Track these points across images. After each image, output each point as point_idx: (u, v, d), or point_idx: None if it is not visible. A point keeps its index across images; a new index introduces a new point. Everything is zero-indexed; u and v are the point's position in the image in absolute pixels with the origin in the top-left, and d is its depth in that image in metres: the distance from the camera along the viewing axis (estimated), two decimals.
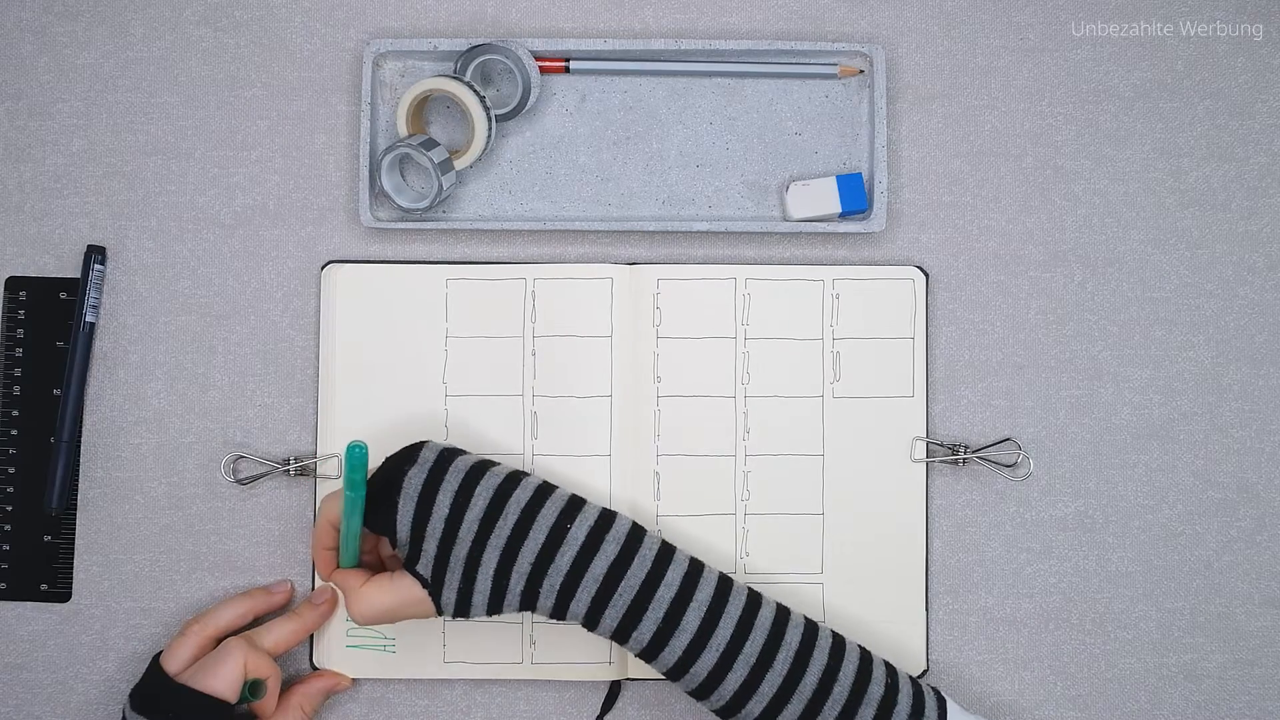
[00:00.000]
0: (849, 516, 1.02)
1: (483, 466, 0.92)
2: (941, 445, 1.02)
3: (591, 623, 0.90)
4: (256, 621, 1.00)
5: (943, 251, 1.03)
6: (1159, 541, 1.02)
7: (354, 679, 1.01)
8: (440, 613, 0.92)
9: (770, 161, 1.04)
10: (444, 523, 0.90)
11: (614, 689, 1.01)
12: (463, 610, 0.91)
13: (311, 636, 1.01)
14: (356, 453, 0.87)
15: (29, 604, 1.02)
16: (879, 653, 0.96)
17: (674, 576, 0.90)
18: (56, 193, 1.03)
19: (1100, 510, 1.02)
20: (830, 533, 1.02)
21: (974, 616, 1.02)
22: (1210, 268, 1.03)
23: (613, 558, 0.89)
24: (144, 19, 1.05)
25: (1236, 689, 1.02)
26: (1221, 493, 1.03)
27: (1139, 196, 1.04)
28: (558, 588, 0.89)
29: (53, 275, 1.03)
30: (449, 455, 0.93)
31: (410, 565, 0.91)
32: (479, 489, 0.91)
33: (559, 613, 0.91)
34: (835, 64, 1.03)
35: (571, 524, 0.90)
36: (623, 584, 0.89)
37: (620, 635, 0.90)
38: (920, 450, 1.02)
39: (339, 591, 1.00)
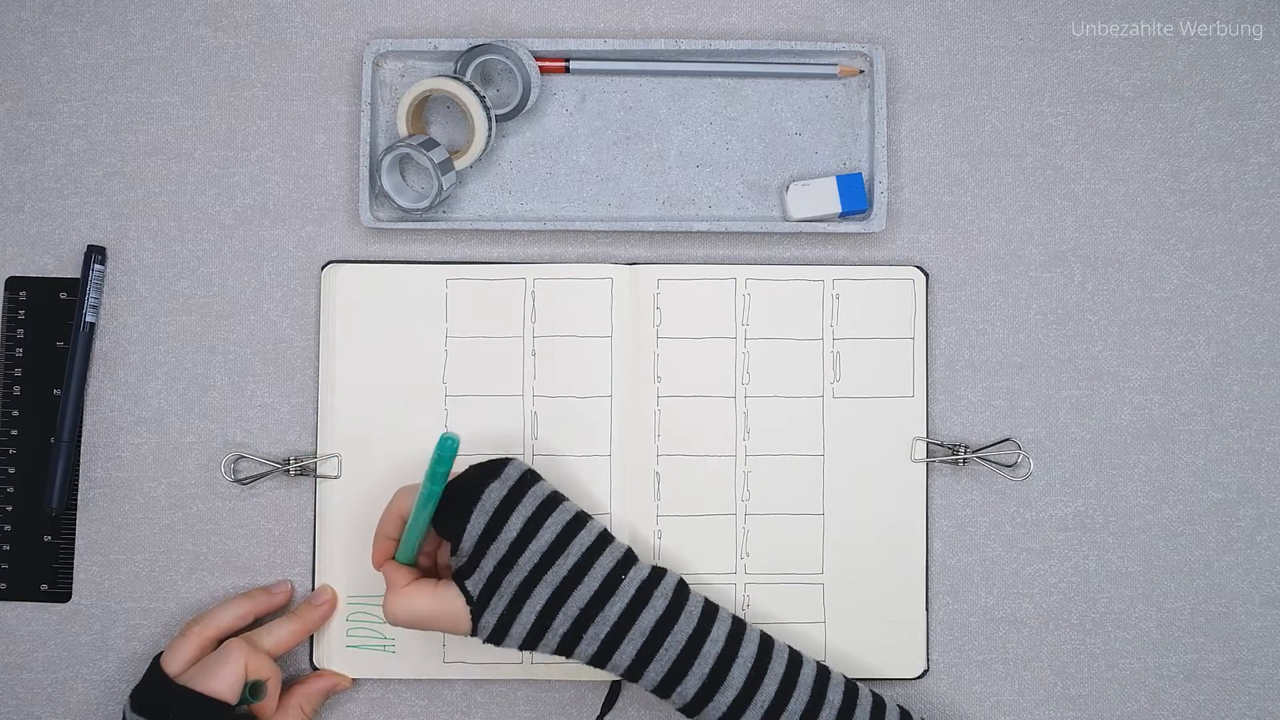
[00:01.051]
0: (849, 517, 1.02)
1: (556, 499, 0.92)
2: (941, 445, 1.02)
3: (634, 675, 0.90)
4: (258, 622, 1.00)
5: (943, 251, 1.03)
6: (1159, 541, 1.02)
7: (354, 679, 1.01)
8: (475, 634, 0.91)
9: (770, 161, 1.04)
10: (509, 546, 0.90)
11: (614, 689, 1.01)
12: (498, 637, 0.91)
13: (311, 636, 1.02)
14: (448, 444, 0.86)
15: (29, 604, 1.02)
16: (880, 653, 0.98)
17: (719, 633, 0.90)
18: (56, 193, 1.03)
19: (1100, 510, 1.02)
20: (830, 533, 1.02)
21: (974, 616, 1.02)
22: (1210, 268, 1.03)
23: (660, 613, 0.89)
24: (144, 19, 1.05)
25: (1236, 689, 1.02)
26: (1221, 493, 1.03)
27: (1139, 196, 1.04)
28: (602, 637, 0.89)
29: (53, 275, 1.03)
30: (530, 479, 0.92)
31: (461, 578, 0.91)
32: (549, 521, 0.91)
33: (599, 661, 0.90)
34: (835, 64, 1.03)
35: (625, 575, 0.90)
36: (669, 639, 0.89)
37: (663, 690, 0.90)
38: (920, 450, 1.02)
39: (382, 581, 0.99)
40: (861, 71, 1.03)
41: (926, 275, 1.02)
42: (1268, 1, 1.05)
